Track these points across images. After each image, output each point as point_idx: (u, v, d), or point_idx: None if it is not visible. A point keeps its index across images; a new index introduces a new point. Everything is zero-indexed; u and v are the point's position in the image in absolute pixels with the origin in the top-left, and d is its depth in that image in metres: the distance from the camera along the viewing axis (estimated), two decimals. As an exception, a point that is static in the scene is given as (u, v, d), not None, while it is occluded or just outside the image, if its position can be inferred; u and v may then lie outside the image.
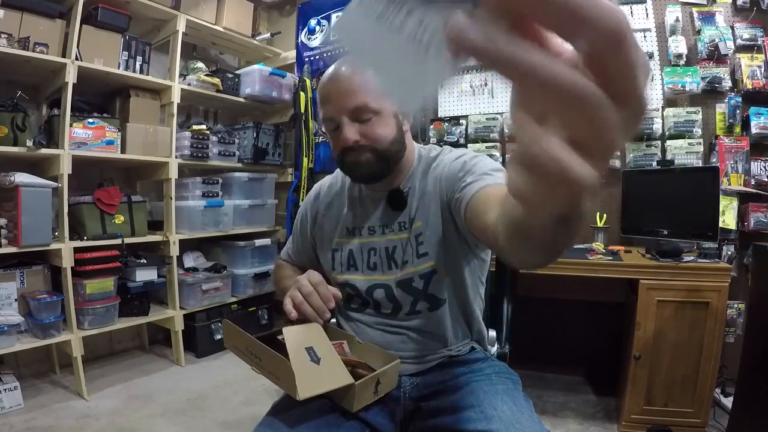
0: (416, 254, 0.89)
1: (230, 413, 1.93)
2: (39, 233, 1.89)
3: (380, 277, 0.93)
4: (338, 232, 0.98)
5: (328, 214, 1.01)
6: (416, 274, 0.89)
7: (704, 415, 1.61)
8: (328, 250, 0.99)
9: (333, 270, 0.98)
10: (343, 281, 0.96)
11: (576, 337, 2.25)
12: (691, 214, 1.79)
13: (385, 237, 0.92)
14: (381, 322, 0.94)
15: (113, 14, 2.22)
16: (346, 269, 0.96)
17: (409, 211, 0.91)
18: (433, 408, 0.84)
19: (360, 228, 0.95)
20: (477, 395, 0.82)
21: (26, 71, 2.07)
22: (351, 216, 0.97)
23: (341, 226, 0.98)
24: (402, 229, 0.91)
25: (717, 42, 1.99)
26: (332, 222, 0.99)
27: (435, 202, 0.88)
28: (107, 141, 2.18)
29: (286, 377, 0.70)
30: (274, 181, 3.07)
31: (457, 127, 2.48)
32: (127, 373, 2.33)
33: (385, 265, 0.92)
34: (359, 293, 0.95)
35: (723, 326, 1.63)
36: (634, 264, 1.69)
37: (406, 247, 0.90)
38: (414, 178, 0.92)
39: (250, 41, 2.98)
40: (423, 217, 0.89)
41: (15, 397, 1.89)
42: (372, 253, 0.93)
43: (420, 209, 0.90)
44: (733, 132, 2.01)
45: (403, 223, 0.91)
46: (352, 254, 0.95)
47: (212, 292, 2.65)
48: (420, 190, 0.91)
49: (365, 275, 0.94)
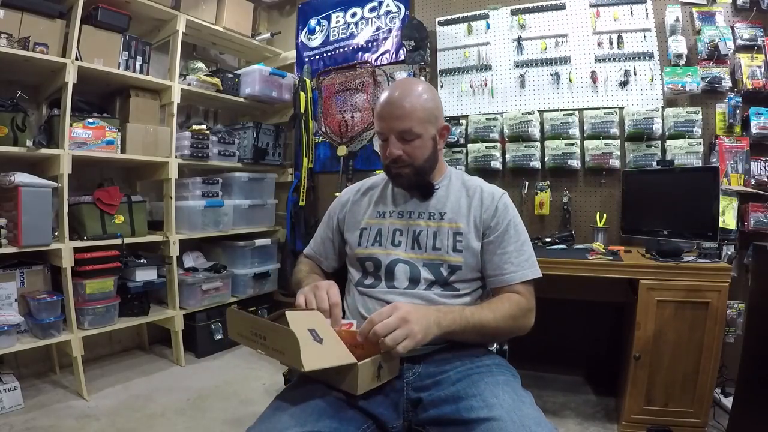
0: (452, 247, 1.03)
1: (230, 413, 1.93)
2: (39, 233, 1.89)
3: (403, 254, 1.05)
4: (369, 214, 1.13)
5: (361, 201, 1.17)
6: (446, 263, 1.03)
7: (704, 415, 1.61)
8: (356, 229, 1.12)
9: (359, 245, 1.10)
10: (366, 255, 1.08)
11: (576, 337, 2.25)
12: (691, 214, 1.79)
13: (413, 221, 1.08)
14: (393, 291, 1.03)
15: (113, 14, 2.22)
16: (371, 244, 1.09)
17: (439, 204, 1.08)
18: (435, 398, 0.86)
19: (391, 211, 1.11)
20: (478, 385, 0.85)
21: (26, 71, 2.08)
22: (383, 203, 1.14)
23: (372, 209, 1.14)
24: (431, 218, 1.07)
25: (717, 42, 1.99)
26: (365, 206, 1.15)
27: (469, 216, 1.05)
28: (107, 141, 2.18)
29: (291, 351, 0.72)
30: (274, 181, 3.08)
31: (457, 127, 2.48)
32: (127, 373, 2.33)
33: (409, 244, 1.06)
34: (378, 266, 1.06)
35: (723, 326, 1.63)
36: (634, 264, 1.69)
37: (438, 235, 1.04)
38: (448, 183, 1.11)
39: (250, 41, 2.98)
40: (458, 217, 1.06)
41: (15, 397, 1.89)
42: (398, 233, 1.08)
43: (451, 209, 1.07)
44: (733, 132, 2.01)
45: (433, 214, 1.07)
46: (380, 232, 1.09)
47: (212, 292, 2.65)
48: (453, 195, 1.09)
49: (387, 250, 1.07)
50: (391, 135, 1.03)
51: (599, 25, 2.25)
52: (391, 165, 1.05)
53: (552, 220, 2.34)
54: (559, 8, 2.32)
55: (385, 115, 1.03)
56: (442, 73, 2.57)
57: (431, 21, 2.61)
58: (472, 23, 2.50)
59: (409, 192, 1.11)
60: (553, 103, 2.33)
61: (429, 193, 1.10)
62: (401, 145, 1.02)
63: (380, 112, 1.04)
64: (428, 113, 1.03)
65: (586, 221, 2.24)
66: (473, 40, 2.50)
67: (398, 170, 1.05)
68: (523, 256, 1.04)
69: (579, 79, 2.28)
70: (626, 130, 2.17)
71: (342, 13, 2.95)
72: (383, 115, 1.03)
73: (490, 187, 1.11)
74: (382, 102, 1.05)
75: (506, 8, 2.43)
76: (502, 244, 1.03)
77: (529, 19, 2.38)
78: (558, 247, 2.06)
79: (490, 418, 0.75)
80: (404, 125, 1.01)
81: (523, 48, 2.39)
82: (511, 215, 1.07)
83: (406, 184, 1.08)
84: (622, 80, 2.19)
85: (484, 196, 1.07)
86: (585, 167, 2.26)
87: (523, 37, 2.39)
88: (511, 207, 1.09)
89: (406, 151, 1.02)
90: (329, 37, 2.99)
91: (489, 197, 1.07)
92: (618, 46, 2.21)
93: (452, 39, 2.56)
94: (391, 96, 1.04)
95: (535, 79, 2.37)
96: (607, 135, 2.20)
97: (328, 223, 1.22)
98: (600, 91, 2.25)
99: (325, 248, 1.22)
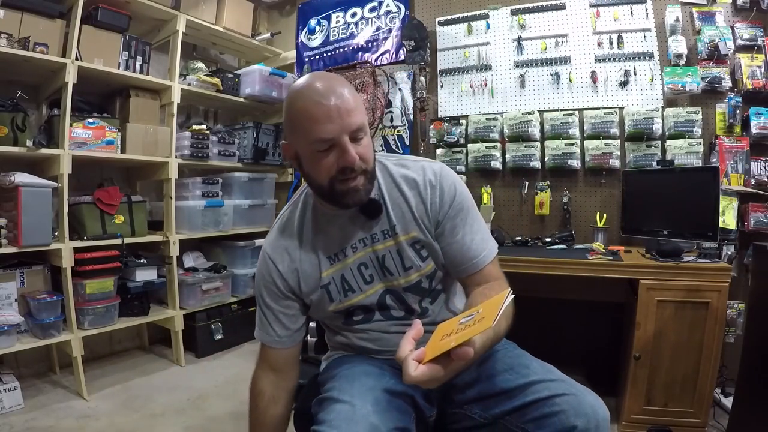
0: (420, 258, 0.92)
1: (230, 413, 1.93)
2: (39, 233, 1.89)
3: (380, 286, 0.94)
4: (323, 266, 0.93)
5: (301, 257, 0.93)
6: (423, 276, 0.94)
7: (704, 415, 1.61)
8: (317, 288, 0.93)
9: (331, 302, 0.94)
10: (345, 308, 0.95)
11: (576, 337, 2.25)
12: (691, 214, 1.79)
13: (371, 248, 0.92)
14: (398, 324, 0.96)
15: (113, 14, 2.22)
16: (344, 296, 0.94)
17: (387, 218, 0.91)
18: (467, 381, 0.88)
19: (343, 250, 0.92)
20: (505, 360, 0.88)
21: (26, 71, 2.07)
22: (325, 243, 0.93)
23: (321, 258, 0.93)
24: (386, 237, 0.92)
25: (717, 42, 1.99)
26: (311, 262, 0.93)
27: (416, 220, 0.91)
28: (107, 141, 2.18)
29: None
30: (274, 181, 3.08)
31: (457, 127, 2.48)
32: (127, 373, 2.33)
33: (379, 273, 0.93)
34: (365, 308, 0.95)
35: (723, 326, 1.62)
36: (634, 264, 1.69)
37: (402, 253, 0.92)
38: (380, 186, 0.92)
39: (250, 41, 2.98)
40: (408, 226, 0.91)
41: (15, 397, 1.89)
42: (363, 267, 0.93)
43: (398, 218, 0.91)
44: (733, 132, 2.01)
45: (386, 231, 0.92)
46: (345, 279, 0.93)
47: (212, 292, 2.65)
48: (391, 199, 0.92)
49: (365, 292, 0.94)
50: (343, 136, 0.78)
51: (599, 25, 2.25)
52: (341, 178, 0.81)
53: (552, 220, 2.34)
54: (559, 8, 2.32)
55: (332, 113, 0.77)
56: (442, 73, 2.57)
57: (431, 21, 2.61)
58: (472, 23, 2.50)
59: (354, 213, 0.90)
60: (553, 103, 2.33)
61: (377, 211, 0.90)
62: (354, 147, 0.80)
63: (320, 112, 0.77)
64: (362, 101, 0.85)
65: (586, 221, 2.24)
66: (473, 40, 2.50)
67: (354, 183, 0.82)
68: (480, 233, 0.92)
69: (579, 79, 2.28)
70: (626, 130, 2.17)
71: (342, 13, 2.95)
72: (329, 114, 0.77)
73: (423, 173, 0.92)
74: (316, 98, 0.78)
75: (506, 8, 2.43)
76: (459, 228, 0.91)
77: (529, 19, 2.38)
78: (558, 247, 2.06)
79: (533, 381, 0.80)
80: (357, 120, 0.79)
81: (523, 48, 2.39)
82: (457, 191, 0.92)
83: (361, 199, 0.85)
84: (622, 80, 2.19)
85: (420, 189, 0.91)
86: (585, 167, 2.26)
87: (523, 37, 2.39)
88: (451, 181, 0.92)
89: (359, 154, 0.80)
90: (329, 37, 2.98)
91: (426, 187, 0.91)
92: (618, 46, 2.21)
93: (452, 39, 2.56)
94: (325, 88, 0.79)
95: (535, 79, 2.37)
96: (607, 135, 2.20)
97: (271, 296, 0.95)
98: (600, 91, 2.25)
99: (296, 337, 0.97)
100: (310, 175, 0.85)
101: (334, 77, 0.83)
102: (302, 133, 0.80)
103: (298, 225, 0.95)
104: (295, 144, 0.84)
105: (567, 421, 0.74)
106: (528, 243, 2.16)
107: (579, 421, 0.73)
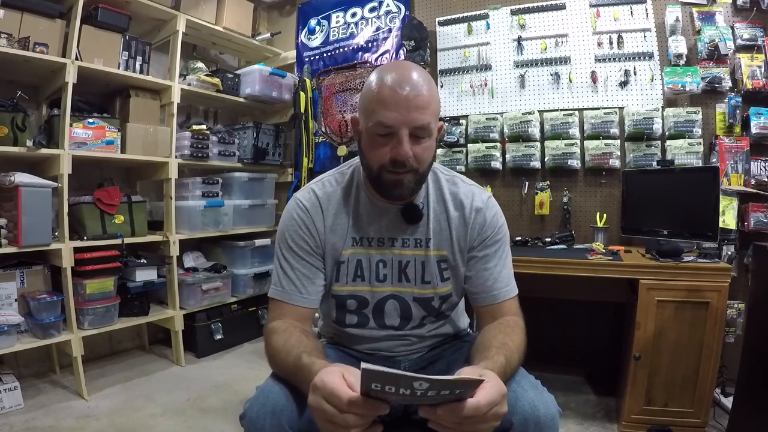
0: (441, 277, 0.93)
1: (230, 413, 1.93)
2: (39, 233, 1.89)
3: (390, 289, 0.93)
4: (345, 244, 0.92)
5: (334, 226, 0.93)
6: (437, 295, 0.94)
7: (704, 415, 1.61)
8: (332, 260, 0.93)
9: (336, 282, 0.93)
10: (347, 293, 0.94)
11: (576, 337, 2.25)
12: (691, 214, 1.79)
13: (397, 251, 0.92)
14: (389, 335, 0.97)
15: (113, 14, 2.22)
16: (351, 280, 0.93)
17: (423, 228, 0.92)
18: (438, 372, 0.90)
19: (369, 239, 0.93)
20: (464, 351, 0.92)
21: (26, 71, 2.07)
22: (359, 226, 0.93)
23: (348, 236, 0.92)
24: (418, 246, 0.92)
25: (717, 42, 1.99)
26: (338, 234, 0.93)
27: (452, 241, 0.92)
28: (107, 141, 2.18)
29: None
30: (274, 181, 3.08)
31: (457, 127, 2.48)
32: (127, 373, 2.33)
33: (395, 277, 0.93)
34: (364, 304, 0.94)
35: (723, 326, 1.62)
36: (634, 264, 1.69)
37: (426, 266, 0.92)
38: (428, 195, 0.93)
39: (250, 41, 2.98)
40: (442, 243, 0.93)
41: (15, 397, 1.89)
42: (381, 265, 0.93)
43: (435, 231, 0.92)
44: (733, 132, 2.01)
45: (420, 240, 0.92)
46: (360, 265, 0.92)
47: (212, 292, 2.65)
48: (434, 212, 0.93)
49: (373, 287, 0.93)
50: (402, 129, 0.78)
51: (599, 25, 2.25)
52: (390, 168, 0.82)
53: (552, 220, 2.34)
54: (559, 8, 2.32)
55: (400, 103, 0.77)
56: (442, 73, 2.57)
57: (431, 21, 2.61)
58: (472, 23, 2.50)
59: (393, 210, 0.91)
60: (553, 103, 2.33)
61: (417, 217, 0.91)
62: (412, 145, 0.80)
63: (390, 97, 0.78)
64: (439, 107, 0.85)
65: (586, 221, 2.24)
66: (473, 40, 2.50)
67: (400, 176, 0.82)
68: (508, 269, 0.94)
69: (579, 79, 2.28)
70: (626, 130, 2.17)
71: (342, 13, 2.95)
72: (397, 101, 0.77)
73: (472, 198, 0.93)
74: (391, 84, 0.79)
75: (506, 8, 2.43)
76: (492, 258, 0.92)
77: (529, 19, 2.38)
78: (558, 247, 2.06)
79: None
80: (423, 119, 0.79)
81: (523, 48, 2.39)
82: (499, 224, 0.94)
83: (404, 195, 0.86)
84: (622, 80, 2.19)
85: (465, 211, 0.92)
86: (585, 167, 2.26)
87: (523, 37, 2.39)
88: (496, 211, 0.95)
89: (415, 153, 0.80)
90: (329, 37, 2.99)
91: (471, 211, 0.92)
92: (618, 46, 2.21)
93: (452, 39, 2.56)
94: (405, 78, 0.79)
95: (535, 79, 2.37)
96: (607, 135, 2.20)
97: (297, 251, 0.90)
98: (600, 91, 2.25)
99: (313, 293, 0.91)
100: (365, 156, 0.86)
101: (422, 73, 0.82)
102: (368, 112, 0.82)
103: (343, 195, 0.94)
104: (361, 119, 0.86)
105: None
106: (528, 243, 2.16)
107: (515, 418, 0.71)
